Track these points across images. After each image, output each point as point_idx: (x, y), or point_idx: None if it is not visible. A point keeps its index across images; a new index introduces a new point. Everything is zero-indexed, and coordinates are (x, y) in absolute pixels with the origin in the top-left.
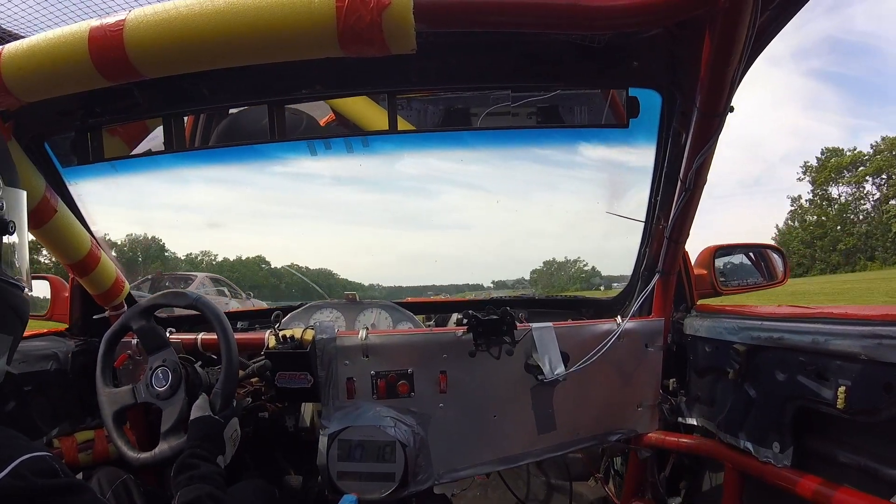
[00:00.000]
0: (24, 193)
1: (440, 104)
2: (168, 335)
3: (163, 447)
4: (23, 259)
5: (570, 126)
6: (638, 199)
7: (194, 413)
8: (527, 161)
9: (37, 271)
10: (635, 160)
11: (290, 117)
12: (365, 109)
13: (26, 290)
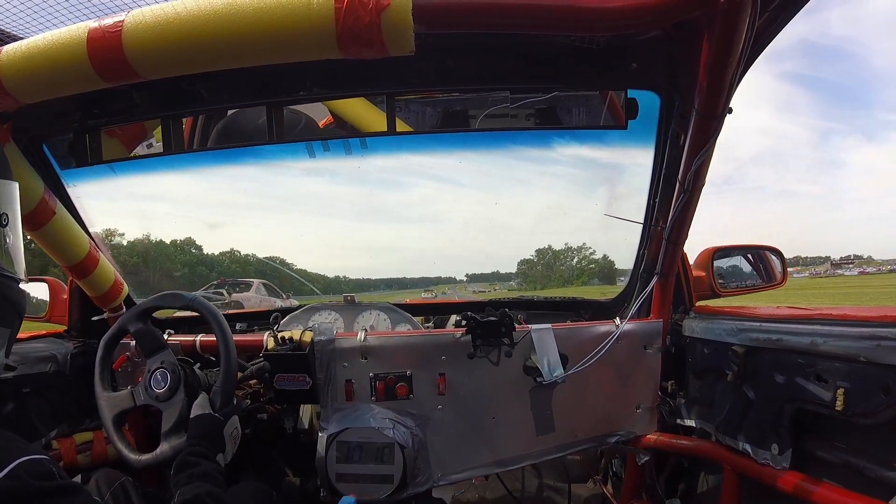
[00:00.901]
0: (16, 185)
1: (438, 106)
2: (167, 337)
3: (163, 448)
4: (17, 251)
5: (568, 127)
6: (636, 201)
7: (194, 411)
8: (526, 162)
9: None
10: (634, 162)
11: (288, 117)
12: (363, 112)
13: (22, 281)
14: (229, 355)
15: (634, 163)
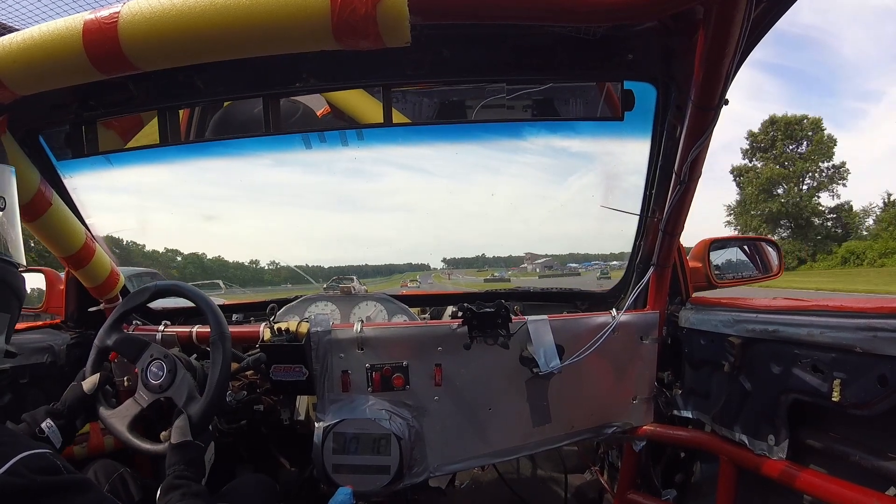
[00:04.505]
0: (13, 170)
1: (435, 97)
2: (163, 328)
3: (181, 422)
4: (16, 236)
5: (564, 119)
6: (633, 192)
7: (175, 436)
8: (521, 153)
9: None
10: (630, 153)
11: (285, 107)
12: (360, 102)
13: (21, 267)
14: (217, 384)
15: (631, 154)
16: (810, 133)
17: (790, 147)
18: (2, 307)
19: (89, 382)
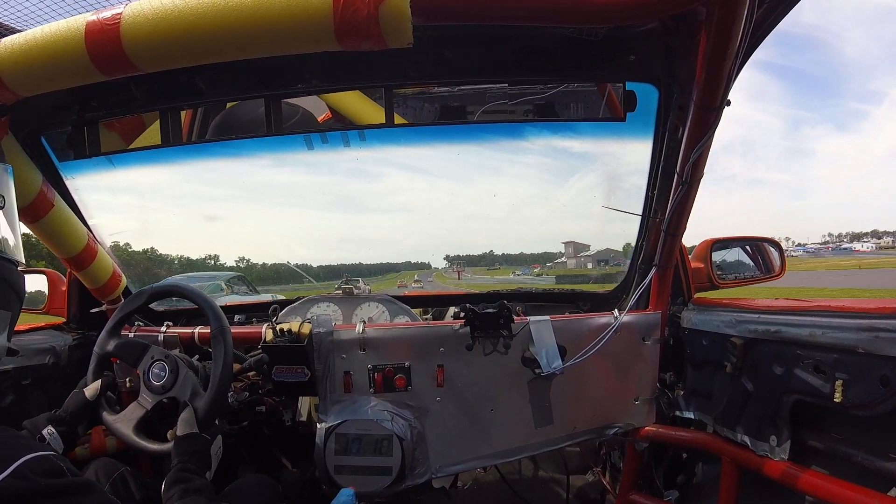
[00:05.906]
0: (10, 168)
1: (436, 98)
2: (165, 329)
3: (186, 415)
4: (14, 234)
5: (567, 120)
6: (634, 193)
7: (181, 428)
8: (523, 154)
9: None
10: (632, 154)
11: (287, 107)
12: (362, 107)
13: (21, 265)
14: (221, 377)
15: (633, 155)
16: None
17: None
18: (2, 305)
19: (91, 389)
